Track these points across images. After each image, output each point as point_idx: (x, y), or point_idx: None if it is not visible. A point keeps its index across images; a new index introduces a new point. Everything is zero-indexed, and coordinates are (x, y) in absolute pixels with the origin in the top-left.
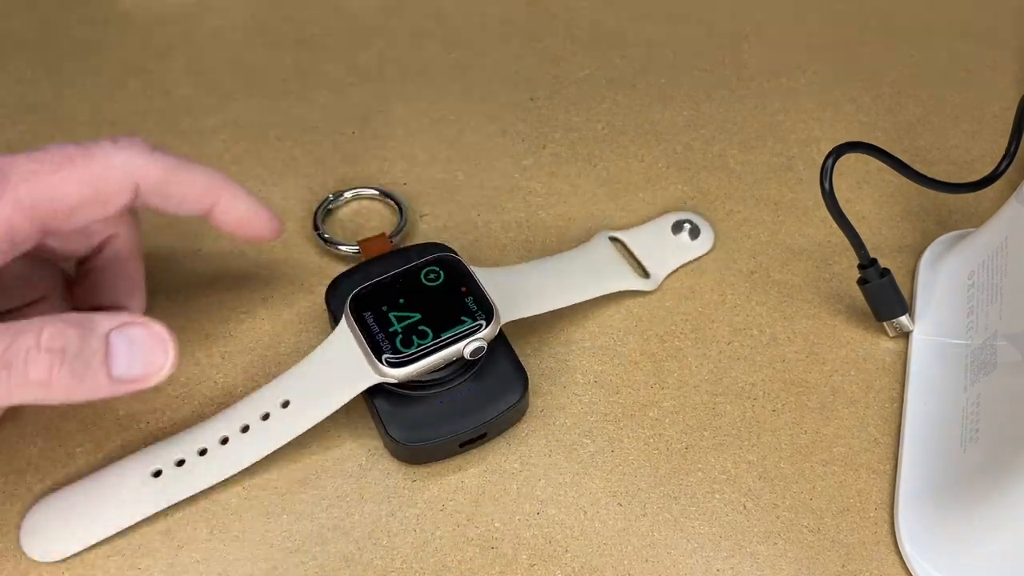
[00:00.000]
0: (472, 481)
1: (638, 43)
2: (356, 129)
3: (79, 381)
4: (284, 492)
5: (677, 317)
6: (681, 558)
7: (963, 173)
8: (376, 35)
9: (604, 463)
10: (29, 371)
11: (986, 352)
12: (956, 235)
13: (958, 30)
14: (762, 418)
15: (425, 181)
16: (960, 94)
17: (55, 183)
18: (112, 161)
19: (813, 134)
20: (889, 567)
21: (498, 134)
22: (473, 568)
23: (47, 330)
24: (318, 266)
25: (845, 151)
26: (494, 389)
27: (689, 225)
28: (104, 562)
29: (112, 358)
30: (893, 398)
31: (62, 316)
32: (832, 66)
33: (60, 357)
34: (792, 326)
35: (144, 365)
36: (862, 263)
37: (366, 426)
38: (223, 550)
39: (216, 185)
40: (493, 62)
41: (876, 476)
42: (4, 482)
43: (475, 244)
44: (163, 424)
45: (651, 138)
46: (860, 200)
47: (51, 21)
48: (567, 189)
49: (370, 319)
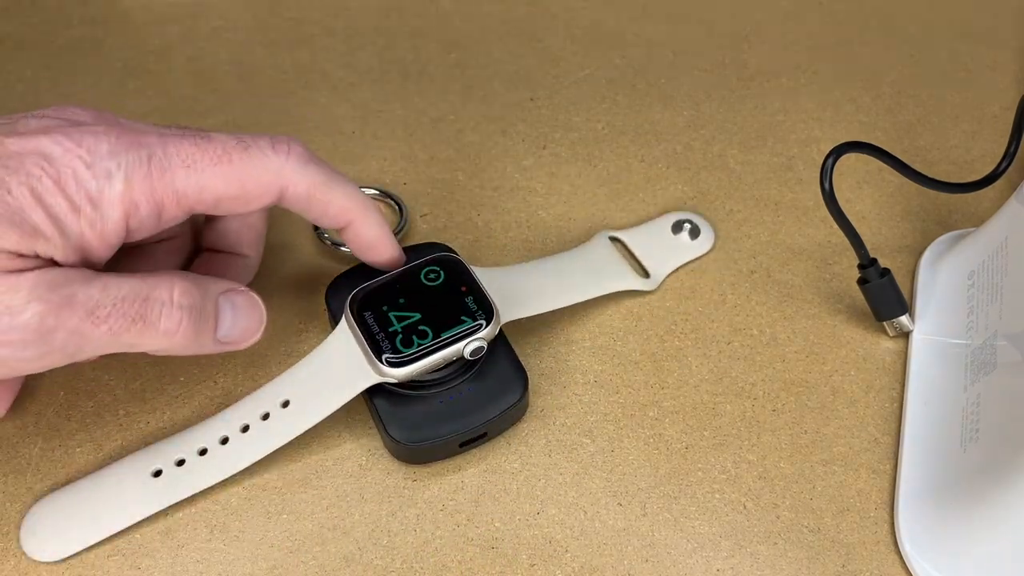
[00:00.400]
0: (472, 481)
1: (638, 43)
2: (356, 129)
3: (195, 336)
4: (284, 492)
5: (677, 317)
6: (681, 558)
7: (963, 173)
8: (376, 35)
9: (604, 463)
10: (162, 323)
11: (986, 352)
12: (956, 235)
13: (958, 30)
14: (762, 418)
15: (425, 181)
16: (960, 94)
17: (208, 176)
18: (266, 165)
19: (813, 134)
20: (889, 567)
21: (498, 134)
22: (473, 568)
23: (178, 287)
24: (318, 266)
25: (845, 151)
26: (494, 389)
27: (689, 225)
28: (104, 562)
29: (219, 320)
30: (893, 398)
31: (185, 275)
32: (832, 66)
33: (189, 313)
34: (792, 326)
35: (243, 329)
36: (862, 263)
37: (366, 426)
38: (223, 550)
39: (354, 208)
40: (493, 62)
41: (876, 476)
42: (4, 482)
43: (475, 244)
44: (163, 424)
45: (651, 138)
46: (860, 200)
47: (51, 21)
48: (567, 189)
49: (370, 319)
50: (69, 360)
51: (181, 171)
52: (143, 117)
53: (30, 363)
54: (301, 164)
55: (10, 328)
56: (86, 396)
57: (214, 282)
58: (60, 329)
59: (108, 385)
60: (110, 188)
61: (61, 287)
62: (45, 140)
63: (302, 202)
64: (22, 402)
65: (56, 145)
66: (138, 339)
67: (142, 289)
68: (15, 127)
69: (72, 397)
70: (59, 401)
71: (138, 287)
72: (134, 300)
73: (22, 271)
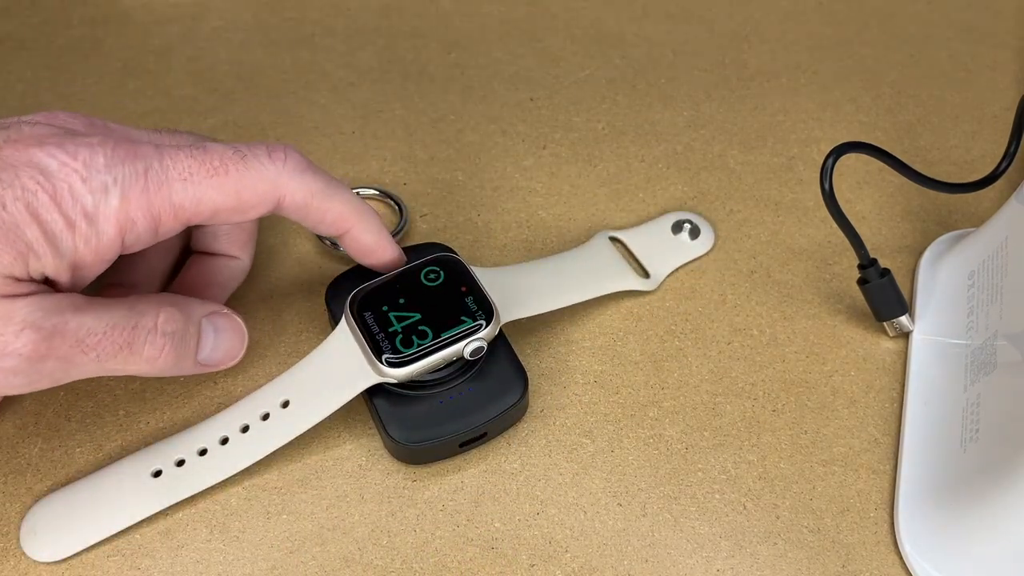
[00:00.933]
0: (472, 481)
1: (638, 43)
2: (356, 129)
3: (176, 361)
4: (284, 492)
5: (677, 317)
6: (681, 558)
7: (963, 173)
8: (376, 35)
9: (604, 463)
10: (146, 350)
11: (986, 352)
12: (956, 235)
13: (958, 30)
14: (762, 418)
15: (425, 181)
16: (960, 94)
17: (205, 189)
18: (262, 175)
19: (813, 134)
20: (889, 567)
21: (498, 134)
22: (473, 568)
23: (163, 314)
24: (318, 266)
25: (845, 151)
26: (494, 389)
27: (689, 225)
28: (104, 562)
29: (201, 343)
30: (893, 398)
31: (170, 299)
32: (832, 66)
33: (171, 340)
34: (792, 326)
35: (224, 352)
36: (862, 263)
37: (366, 426)
38: (223, 550)
39: (351, 215)
40: (493, 62)
41: (876, 476)
42: (4, 482)
43: (475, 244)
44: (163, 424)
45: (651, 138)
46: (860, 200)
47: (51, 21)
48: (567, 189)
49: (370, 319)
50: (52, 384)
51: (178, 184)
52: (143, 117)
53: (17, 388)
54: (298, 173)
55: (3, 355)
56: (86, 396)
57: (198, 305)
58: (51, 357)
59: (108, 385)
60: (106, 204)
61: (53, 315)
62: (40, 153)
63: (299, 211)
64: (22, 402)
65: (52, 159)
66: (122, 365)
67: (131, 318)
68: (9, 134)
69: (72, 397)
70: (59, 401)
71: (127, 316)
72: (123, 328)
73: (16, 296)
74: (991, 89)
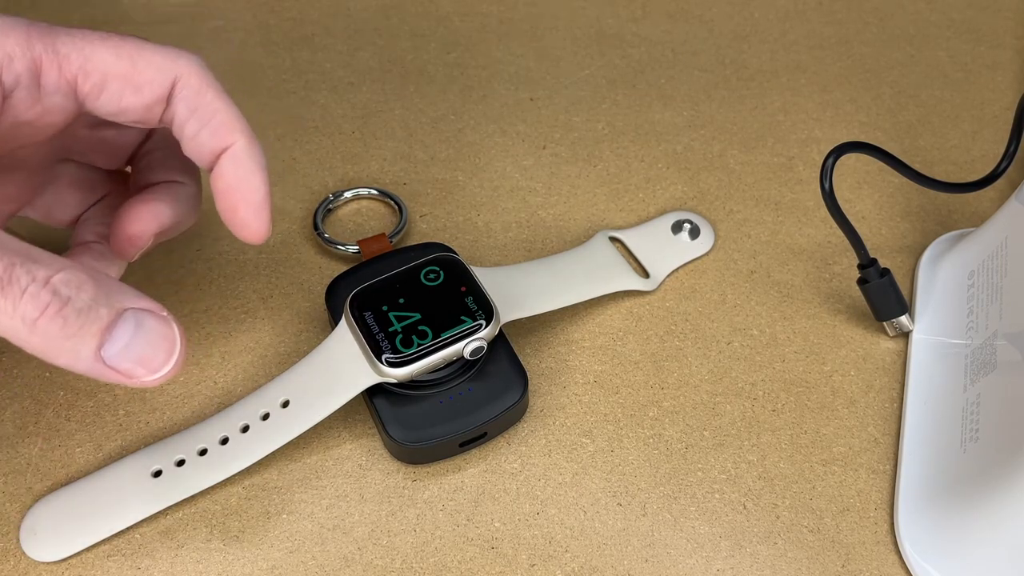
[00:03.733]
0: (472, 481)
1: (638, 43)
2: (356, 129)
3: (63, 339)
4: (284, 492)
5: (677, 317)
6: (681, 558)
7: (963, 173)
8: (376, 35)
9: (604, 463)
10: (21, 303)
11: (986, 352)
12: (956, 235)
13: (958, 30)
14: (762, 418)
15: (425, 181)
16: (960, 94)
17: (95, 47)
18: (162, 49)
19: (813, 134)
20: (889, 567)
21: (498, 134)
22: (473, 568)
23: (64, 273)
24: (318, 266)
25: (845, 151)
26: (494, 389)
27: (689, 225)
28: (104, 562)
29: (111, 335)
30: (893, 398)
31: (88, 269)
32: (832, 66)
33: (63, 306)
34: (792, 326)
35: (139, 358)
36: (862, 263)
37: (366, 426)
38: (223, 550)
39: (239, 127)
40: (493, 62)
41: (876, 476)
42: (4, 482)
43: (475, 244)
44: (163, 424)
45: (651, 138)
46: (860, 200)
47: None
48: (567, 189)
49: (370, 319)
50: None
51: (65, 36)
52: None
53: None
54: (199, 63)
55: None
56: (86, 396)
57: (131, 293)
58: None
59: (108, 385)
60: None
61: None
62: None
63: (191, 100)
64: (22, 402)
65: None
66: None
67: (22, 249)
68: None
69: (72, 397)
70: (59, 401)
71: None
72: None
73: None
74: (991, 89)
